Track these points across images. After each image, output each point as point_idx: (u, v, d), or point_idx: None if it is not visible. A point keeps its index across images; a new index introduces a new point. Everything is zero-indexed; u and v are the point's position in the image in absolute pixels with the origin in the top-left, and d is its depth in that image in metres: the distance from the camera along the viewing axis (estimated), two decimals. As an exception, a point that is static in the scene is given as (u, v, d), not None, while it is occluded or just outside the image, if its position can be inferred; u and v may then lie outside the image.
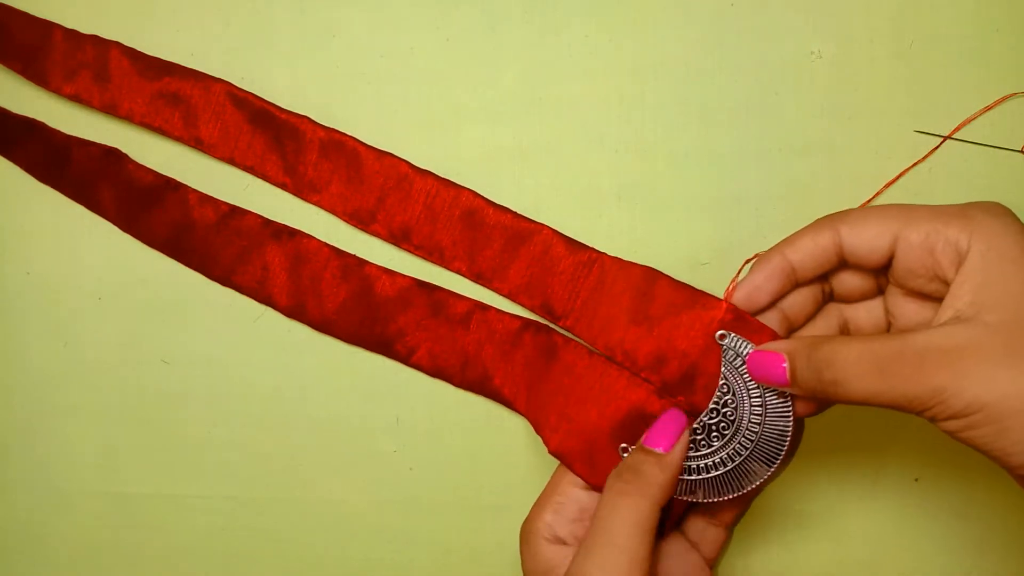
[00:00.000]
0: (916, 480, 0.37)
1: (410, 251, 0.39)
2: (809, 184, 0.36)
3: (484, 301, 0.38)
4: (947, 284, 0.28)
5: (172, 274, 0.41)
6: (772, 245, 0.36)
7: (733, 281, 0.33)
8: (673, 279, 0.33)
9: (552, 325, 0.37)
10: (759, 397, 0.31)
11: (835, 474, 0.37)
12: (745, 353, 0.31)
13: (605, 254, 0.36)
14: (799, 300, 0.32)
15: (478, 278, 0.38)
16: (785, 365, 0.29)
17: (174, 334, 0.41)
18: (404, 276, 0.38)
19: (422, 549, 0.40)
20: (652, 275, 0.34)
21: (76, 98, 0.40)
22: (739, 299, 0.32)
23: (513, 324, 0.37)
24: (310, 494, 0.41)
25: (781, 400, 0.31)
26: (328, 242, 0.39)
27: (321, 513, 0.41)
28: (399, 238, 0.38)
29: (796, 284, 0.31)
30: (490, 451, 0.39)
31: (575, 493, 0.34)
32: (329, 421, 0.40)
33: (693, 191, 0.37)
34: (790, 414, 0.31)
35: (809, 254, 0.30)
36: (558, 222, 0.37)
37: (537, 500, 0.35)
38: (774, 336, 0.31)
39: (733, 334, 0.32)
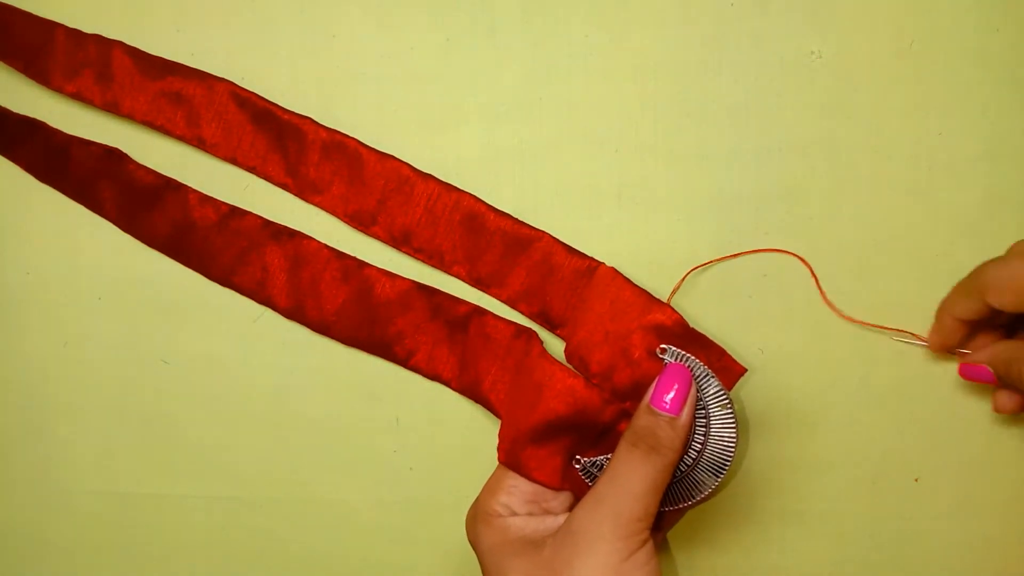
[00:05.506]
0: (916, 480, 0.37)
1: (410, 254, 0.38)
2: (809, 184, 0.36)
3: (483, 306, 0.38)
4: None
5: (172, 274, 0.41)
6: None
7: (674, 290, 0.34)
8: (629, 282, 0.34)
9: (551, 333, 0.37)
10: (702, 409, 0.31)
11: (835, 474, 0.37)
12: (689, 365, 0.31)
13: (604, 264, 0.36)
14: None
15: (478, 283, 0.38)
16: (990, 370, 0.33)
17: (174, 334, 0.41)
18: (404, 279, 0.38)
19: (422, 549, 0.40)
20: (612, 276, 0.34)
21: (78, 97, 0.40)
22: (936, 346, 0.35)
23: (508, 330, 0.37)
24: (310, 494, 0.41)
25: (724, 411, 0.31)
26: (328, 244, 0.39)
27: (321, 513, 0.41)
28: (399, 241, 0.38)
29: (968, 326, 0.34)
30: (490, 451, 0.39)
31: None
32: (329, 421, 0.40)
33: (693, 191, 0.37)
34: (733, 424, 0.31)
35: (963, 312, 0.34)
36: (558, 222, 0.37)
37: (485, 487, 0.34)
38: (722, 352, 0.32)
39: (673, 348, 0.32)
